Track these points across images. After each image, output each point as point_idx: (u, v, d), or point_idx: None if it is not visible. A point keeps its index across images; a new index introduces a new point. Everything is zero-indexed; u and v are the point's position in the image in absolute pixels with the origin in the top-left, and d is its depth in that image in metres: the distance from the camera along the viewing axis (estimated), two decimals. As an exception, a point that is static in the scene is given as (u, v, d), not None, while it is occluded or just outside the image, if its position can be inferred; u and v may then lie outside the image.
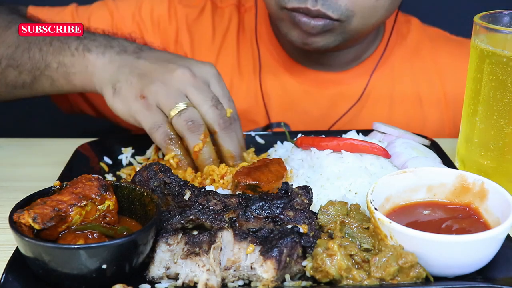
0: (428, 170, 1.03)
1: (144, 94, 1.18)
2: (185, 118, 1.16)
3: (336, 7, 1.33)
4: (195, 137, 1.17)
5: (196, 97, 1.18)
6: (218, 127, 1.19)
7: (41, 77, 1.31)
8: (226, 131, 1.20)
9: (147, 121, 1.18)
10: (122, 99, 1.20)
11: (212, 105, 1.18)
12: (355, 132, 1.31)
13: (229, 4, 1.67)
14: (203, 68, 1.23)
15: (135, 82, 1.20)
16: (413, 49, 1.65)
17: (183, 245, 0.93)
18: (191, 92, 1.18)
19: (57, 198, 0.92)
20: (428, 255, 0.88)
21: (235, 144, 1.21)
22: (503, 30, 1.15)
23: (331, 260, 0.88)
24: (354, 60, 1.61)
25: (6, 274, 0.88)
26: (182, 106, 1.16)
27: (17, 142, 1.46)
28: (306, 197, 1.01)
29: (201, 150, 1.16)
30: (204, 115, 1.18)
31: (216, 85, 1.23)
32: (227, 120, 1.20)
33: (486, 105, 1.15)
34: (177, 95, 1.17)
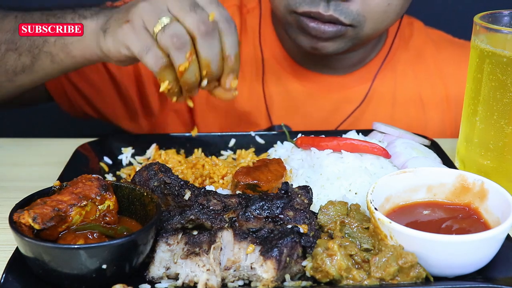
0: (428, 170, 1.03)
1: (128, 18, 1.13)
2: (169, 33, 1.09)
3: (348, 12, 1.33)
4: (181, 55, 1.09)
5: (175, 6, 1.10)
6: (197, 33, 1.09)
7: (40, 55, 1.28)
8: (205, 37, 1.09)
9: (135, 45, 1.12)
10: (111, 34, 1.16)
11: (190, 10, 1.09)
12: (355, 132, 1.31)
13: (231, 5, 1.66)
14: None
15: (121, 15, 1.16)
16: (416, 52, 1.65)
17: (183, 245, 0.93)
18: (171, 4, 1.11)
19: (57, 198, 0.92)
20: (428, 255, 0.88)
21: (215, 52, 1.11)
22: (503, 30, 1.15)
23: (331, 260, 0.88)
24: (359, 63, 1.61)
25: (6, 274, 0.88)
26: (165, 20, 1.09)
27: (17, 142, 1.46)
28: (306, 197, 1.01)
29: (187, 69, 1.10)
30: (184, 23, 1.10)
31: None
32: (208, 25, 1.09)
33: (486, 105, 1.15)
34: (158, 10, 1.10)
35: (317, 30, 1.35)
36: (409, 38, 1.66)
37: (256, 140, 1.36)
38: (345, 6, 1.33)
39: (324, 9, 1.32)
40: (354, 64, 1.61)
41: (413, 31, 1.68)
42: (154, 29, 1.10)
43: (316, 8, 1.33)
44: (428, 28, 1.72)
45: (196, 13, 1.09)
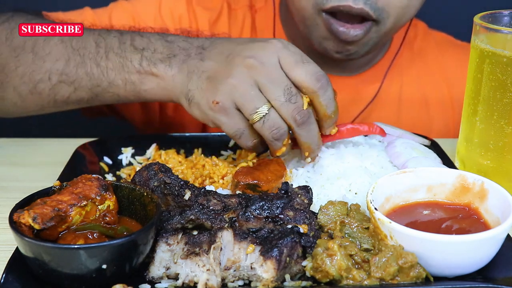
0: (428, 170, 1.03)
1: (217, 99, 1.09)
2: (268, 127, 1.09)
3: (375, 7, 1.32)
4: (279, 144, 1.12)
5: (269, 91, 1.08)
6: (294, 124, 1.10)
7: (104, 93, 1.22)
8: (302, 126, 1.11)
9: (228, 128, 1.12)
10: (198, 107, 1.13)
11: (286, 100, 1.08)
12: (355, 132, 1.32)
13: (242, 5, 1.65)
14: (267, 50, 1.10)
15: (205, 87, 1.12)
16: (420, 53, 1.65)
17: (183, 245, 0.93)
18: (263, 86, 1.08)
19: (57, 198, 0.92)
20: (428, 255, 0.88)
21: (313, 136, 1.13)
22: (503, 30, 1.15)
23: (331, 260, 0.88)
24: (366, 64, 1.61)
25: (6, 274, 0.88)
26: (264, 111, 1.08)
27: (17, 142, 1.46)
28: (306, 197, 1.01)
29: (283, 152, 1.14)
30: (279, 112, 1.09)
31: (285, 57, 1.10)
32: (304, 114, 1.09)
33: (486, 105, 1.15)
34: (252, 94, 1.08)
35: (347, 34, 1.35)
36: (413, 39, 1.66)
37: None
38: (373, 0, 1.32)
39: (354, 2, 1.30)
40: (362, 66, 1.61)
41: (417, 33, 1.68)
42: (253, 118, 1.09)
43: (346, 1, 1.31)
44: (431, 30, 1.72)
45: (291, 102, 1.08)
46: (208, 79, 1.12)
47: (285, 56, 1.09)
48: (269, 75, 1.08)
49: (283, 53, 1.10)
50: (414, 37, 1.67)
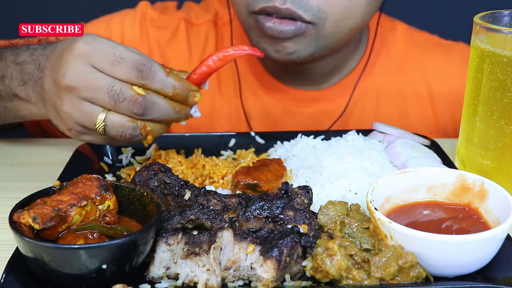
0: (428, 170, 1.03)
1: (67, 128, 1.10)
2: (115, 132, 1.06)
3: (307, 7, 1.26)
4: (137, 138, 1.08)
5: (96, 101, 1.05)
6: (136, 117, 1.06)
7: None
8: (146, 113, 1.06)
9: (96, 141, 1.12)
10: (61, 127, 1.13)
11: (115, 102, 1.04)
12: (355, 132, 1.32)
13: (205, 21, 1.61)
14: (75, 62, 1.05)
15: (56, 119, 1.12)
16: (399, 59, 1.59)
17: (183, 245, 0.93)
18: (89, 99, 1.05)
19: (57, 198, 0.92)
20: (428, 255, 0.88)
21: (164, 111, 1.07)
22: (503, 30, 1.15)
23: (331, 260, 0.88)
24: (335, 73, 1.55)
25: (6, 274, 0.88)
26: (101, 120, 1.05)
27: (17, 142, 1.46)
28: (306, 197, 1.01)
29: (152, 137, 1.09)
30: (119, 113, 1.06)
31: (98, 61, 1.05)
32: (139, 103, 1.04)
33: (486, 105, 1.15)
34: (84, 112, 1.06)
35: (274, 29, 1.28)
36: (392, 44, 1.59)
37: (256, 140, 1.36)
38: (303, 0, 1.25)
39: (280, 2, 1.25)
40: (330, 74, 1.54)
41: (396, 36, 1.60)
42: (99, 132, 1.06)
43: (272, 3, 1.25)
44: (413, 30, 1.65)
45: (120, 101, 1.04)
46: (55, 110, 1.11)
47: (96, 59, 1.04)
48: (88, 85, 1.04)
49: (93, 58, 1.04)
50: (393, 41, 1.59)
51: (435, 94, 1.58)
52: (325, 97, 1.56)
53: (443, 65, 1.59)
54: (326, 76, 1.55)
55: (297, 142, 1.30)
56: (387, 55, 1.59)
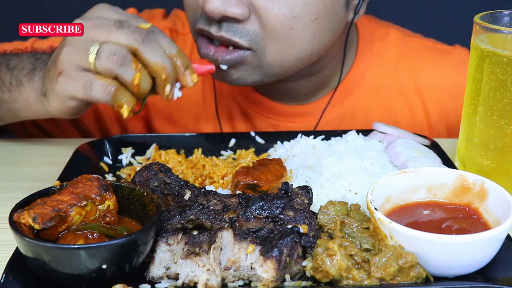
0: (428, 170, 1.03)
1: (59, 69, 1.08)
2: (106, 55, 1.04)
3: (243, 33, 1.22)
4: (128, 69, 1.05)
5: (100, 32, 1.06)
6: (135, 42, 1.05)
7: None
8: (145, 43, 1.06)
9: (77, 90, 1.07)
10: (52, 95, 1.11)
11: (118, 27, 1.06)
12: (355, 132, 1.32)
13: (163, 27, 1.56)
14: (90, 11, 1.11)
15: (50, 71, 1.11)
16: (391, 68, 1.53)
17: (183, 245, 0.93)
18: (94, 34, 1.06)
19: (57, 198, 0.92)
20: (428, 255, 0.88)
21: (161, 53, 1.07)
22: (503, 30, 1.15)
23: (331, 260, 0.88)
24: (322, 89, 1.50)
25: (6, 274, 0.88)
26: (94, 49, 1.04)
27: (17, 142, 1.46)
28: (306, 197, 1.01)
29: (140, 79, 1.06)
30: (117, 42, 1.05)
31: (112, 14, 1.09)
32: (142, 31, 1.06)
33: (486, 105, 1.15)
34: (81, 45, 1.06)
35: (210, 57, 1.25)
36: (384, 52, 1.53)
37: (256, 140, 1.36)
38: (239, 26, 1.21)
39: (215, 29, 1.22)
40: (315, 91, 1.50)
41: (389, 44, 1.54)
42: (89, 61, 1.05)
43: (208, 28, 1.23)
44: (406, 35, 1.59)
45: (125, 28, 1.06)
46: (51, 63, 1.12)
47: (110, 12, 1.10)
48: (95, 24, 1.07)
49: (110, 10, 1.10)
50: (386, 49, 1.54)
51: (428, 103, 1.54)
52: (309, 112, 1.52)
53: (437, 71, 1.54)
54: (312, 92, 1.51)
55: (297, 142, 1.30)
56: (378, 65, 1.54)
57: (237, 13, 1.19)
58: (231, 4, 1.19)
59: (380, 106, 1.54)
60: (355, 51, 1.53)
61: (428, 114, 1.55)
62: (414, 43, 1.58)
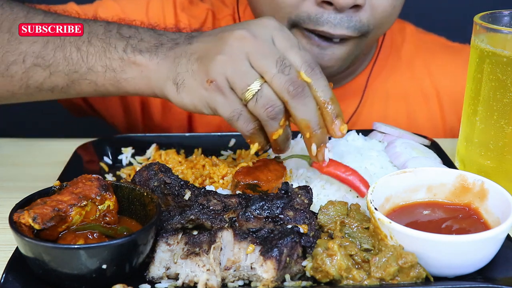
0: (428, 170, 1.03)
1: (211, 78, 1.03)
2: (262, 104, 1.02)
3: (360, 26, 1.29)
4: (275, 124, 1.04)
5: (260, 64, 1.02)
6: (287, 96, 1.01)
7: (80, 81, 1.14)
8: (297, 99, 1.02)
9: (224, 109, 1.04)
10: (188, 92, 1.07)
11: (278, 72, 1.01)
12: (355, 132, 1.31)
13: (226, 15, 1.60)
14: (261, 24, 1.06)
15: (196, 68, 1.06)
16: (408, 60, 1.60)
17: (183, 245, 0.93)
18: (254, 59, 1.02)
19: (57, 198, 0.92)
20: (428, 255, 0.88)
21: (311, 111, 1.03)
22: (503, 30, 1.15)
23: (331, 260, 0.88)
24: (349, 75, 1.55)
25: (6, 274, 0.88)
26: (256, 87, 1.01)
27: (17, 142, 1.46)
28: (306, 197, 1.01)
29: (280, 135, 1.05)
30: (271, 85, 1.02)
31: (280, 38, 1.05)
32: (298, 85, 1.01)
33: (486, 105, 1.15)
34: (243, 68, 1.02)
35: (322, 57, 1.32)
36: (401, 45, 1.61)
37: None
38: (356, 18, 1.27)
39: (332, 28, 1.26)
40: (344, 77, 1.54)
41: (405, 37, 1.62)
42: (245, 96, 1.02)
43: (320, 27, 1.27)
44: (421, 32, 1.66)
45: (284, 74, 1.01)
46: (199, 60, 1.06)
47: (280, 37, 1.05)
48: (260, 47, 1.03)
49: (279, 34, 1.05)
50: (402, 42, 1.61)
51: (442, 96, 1.59)
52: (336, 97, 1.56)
53: (450, 67, 1.59)
54: (340, 78, 1.55)
55: (297, 142, 1.30)
56: (396, 56, 1.59)
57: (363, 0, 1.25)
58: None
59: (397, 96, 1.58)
60: (377, 42, 1.58)
61: (443, 107, 1.58)
62: (428, 39, 1.64)
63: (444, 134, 1.60)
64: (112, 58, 1.12)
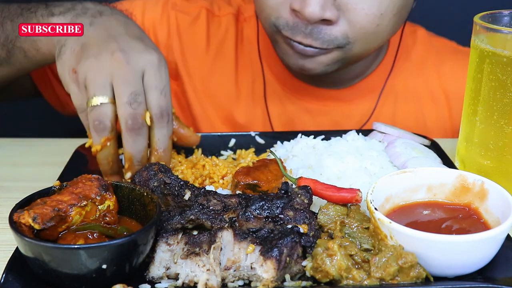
0: (428, 170, 1.03)
1: (76, 69, 1.12)
2: (94, 116, 1.08)
3: (331, 39, 1.28)
4: (97, 138, 1.10)
5: (117, 88, 1.09)
6: (123, 126, 1.09)
7: (14, 49, 1.28)
8: (129, 133, 1.09)
9: (74, 98, 1.13)
10: (62, 64, 1.16)
11: (127, 102, 1.08)
12: (355, 132, 1.31)
13: (227, 13, 1.62)
14: (142, 55, 1.12)
15: (75, 51, 1.15)
16: (418, 63, 1.61)
17: (183, 245, 0.93)
18: (115, 82, 1.09)
19: (57, 198, 0.92)
20: (428, 255, 0.88)
21: (138, 149, 1.11)
22: (503, 30, 1.15)
23: (331, 260, 0.88)
24: (358, 77, 1.58)
25: (6, 274, 0.88)
26: (99, 101, 1.08)
27: (17, 142, 1.46)
28: (306, 197, 1.01)
29: (98, 151, 1.11)
30: (117, 110, 1.09)
31: (150, 76, 1.11)
32: (136, 123, 1.09)
33: (486, 105, 1.15)
34: (102, 81, 1.09)
35: (298, 48, 1.31)
36: (411, 47, 1.62)
37: (256, 140, 1.36)
38: (327, 32, 1.27)
39: (303, 37, 1.28)
40: (353, 78, 1.57)
41: (416, 40, 1.63)
42: (88, 102, 1.09)
43: (295, 36, 1.29)
44: (432, 36, 1.67)
45: (131, 107, 1.08)
46: (82, 46, 1.15)
47: (151, 74, 1.11)
48: (126, 74, 1.09)
49: (151, 70, 1.11)
50: (413, 45, 1.62)
51: (451, 98, 1.60)
52: (346, 98, 1.58)
53: (459, 71, 1.59)
54: (349, 80, 1.57)
55: (297, 142, 1.30)
56: (407, 58, 1.61)
57: (333, 16, 1.25)
58: (328, 8, 1.24)
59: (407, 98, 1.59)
60: (387, 44, 1.60)
61: (451, 110, 1.60)
62: (439, 43, 1.66)
63: (452, 135, 1.61)
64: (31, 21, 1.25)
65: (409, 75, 1.60)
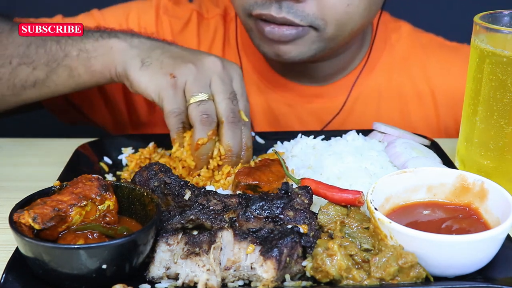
0: (428, 170, 1.03)
1: (175, 73, 1.19)
2: (202, 110, 1.17)
3: (303, 15, 1.28)
4: (204, 131, 1.17)
5: (218, 87, 1.20)
6: (225, 119, 1.18)
7: (57, 69, 1.27)
8: (231, 125, 1.19)
9: (169, 102, 1.19)
10: (150, 73, 1.20)
11: (228, 98, 1.20)
12: (355, 132, 1.31)
13: (215, 15, 1.63)
14: (232, 64, 1.26)
15: (166, 62, 1.22)
16: (402, 58, 1.59)
17: (183, 245, 0.93)
18: (215, 81, 1.20)
19: (57, 198, 0.92)
20: (428, 255, 0.88)
21: (236, 141, 1.19)
22: (503, 30, 1.15)
23: (331, 260, 0.88)
24: (340, 72, 1.56)
25: (6, 274, 0.88)
26: (203, 97, 1.18)
27: (17, 142, 1.46)
28: (306, 197, 1.01)
29: (204, 144, 1.17)
30: (218, 105, 1.19)
31: (238, 83, 1.25)
32: (236, 116, 1.20)
33: (486, 105, 1.15)
34: (203, 82, 1.20)
35: (273, 33, 1.30)
36: (396, 43, 1.60)
37: (256, 140, 1.36)
38: (299, 8, 1.27)
39: (276, 11, 1.27)
40: (335, 73, 1.56)
41: (401, 36, 1.61)
42: (191, 99, 1.18)
43: (268, 11, 1.28)
44: (418, 31, 1.66)
45: (232, 103, 1.20)
46: (172, 57, 1.23)
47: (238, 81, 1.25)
48: (224, 77, 1.22)
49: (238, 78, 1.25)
50: (397, 40, 1.61)
51: (437, 95, 1.59)
52: (326, 93, 1.57)
53: (446, 66, 1.59)
54: (331, 75, 1.56)
55: (297, 142, 1.30)
56: (390, 54, 1.60)
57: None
58: None
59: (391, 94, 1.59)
60: (370, 39, 1.59)
61: (437, 106, 1.59)
62: (425, 38, 1.65)
63: (438, 133, 1.60)
64: (87, 42, 1.27)
65: (393, 71, 1.59)
